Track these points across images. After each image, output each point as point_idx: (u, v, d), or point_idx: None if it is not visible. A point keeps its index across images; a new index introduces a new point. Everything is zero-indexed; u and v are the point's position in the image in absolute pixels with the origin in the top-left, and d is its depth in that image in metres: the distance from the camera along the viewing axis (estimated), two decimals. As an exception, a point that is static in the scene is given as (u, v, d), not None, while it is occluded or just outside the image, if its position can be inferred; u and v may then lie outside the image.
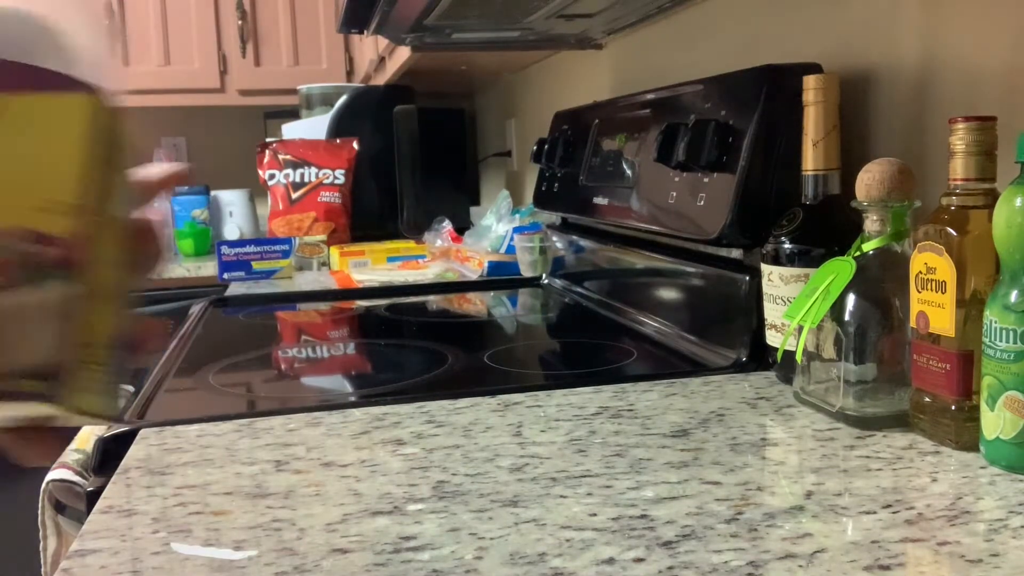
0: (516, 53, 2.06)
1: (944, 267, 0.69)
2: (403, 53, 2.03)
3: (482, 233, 1.97)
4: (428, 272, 1.97)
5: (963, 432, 0.70)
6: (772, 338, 0.93)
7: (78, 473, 0.84)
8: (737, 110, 1.02)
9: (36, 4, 0.43)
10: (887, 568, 0.52)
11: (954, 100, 0.86)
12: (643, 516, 0.60)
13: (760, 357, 0.97)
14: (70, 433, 0.61)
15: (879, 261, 0.79)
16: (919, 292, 0.72)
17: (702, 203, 1.04)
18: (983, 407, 0.67)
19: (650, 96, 1.28)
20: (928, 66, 0.89)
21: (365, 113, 2.58)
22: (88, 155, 0.42)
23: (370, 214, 2.52)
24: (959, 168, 0.69)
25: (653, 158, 1.13)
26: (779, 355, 0.89)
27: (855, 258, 0.79)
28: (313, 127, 2.65)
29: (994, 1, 0.81)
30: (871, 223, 0.79)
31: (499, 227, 1.93)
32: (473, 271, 1.86)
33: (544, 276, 1.72)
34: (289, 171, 2.45)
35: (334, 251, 2.14)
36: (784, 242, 0.90)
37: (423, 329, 1.47)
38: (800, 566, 0.52)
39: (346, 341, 1.41)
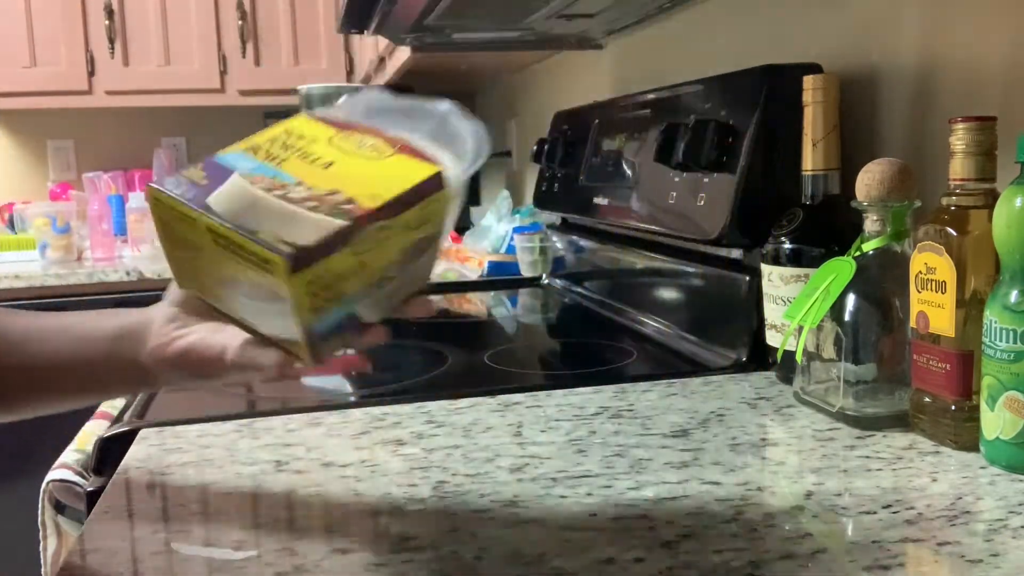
0: (516, 53, 2.06)
1: (944, 267, 0.69)
2: (403, 53, 2.02)
3: (482, 233, 1.98)
4: (428, 272, 1.97)
5: (963, 432, 0.70)
6: (772, 338, 0.93)
7: (78, 473, 0.84)
8: (737, 110, 1.02)
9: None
10: (887, 568, 0.52)
11: (954, 100, 0.86)
12: (643, 516, 0.60)
13: (760, 357, 0.97)
14: None
15: (879, 261, 0.79)
16: (919, 292, 0.72)
17: (702, 203, 1.04)
18: (983, 407, 0.67)
19: (650, 96, 1.28)
20: (928, 66, 0.89)
21: (365, 113, 2.57)
22: None
23: (370, 214, 2.51)
24: (959, 168, 0.69)
25: (653, 158, 1.13)
26: (779, 355, 0.89)
27: (855, 258, 0.79)
28: (313, 127, 2.64)
29: (994, 1, 0.81)
30: (871, 223, 0.79)
31: (499, 227, 1.93)
32: (473, 271, 1.86)
33: (544, 276, 1.72)
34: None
35: (334, 251, 2.14)
36: (784, 242, 0.90)
37: (423, 329, 1.47)
38: (800, 566, 0.52)
39: (346, 341, 1.41)
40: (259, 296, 0.54)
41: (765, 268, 0.92)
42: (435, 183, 0.55)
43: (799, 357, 0.83)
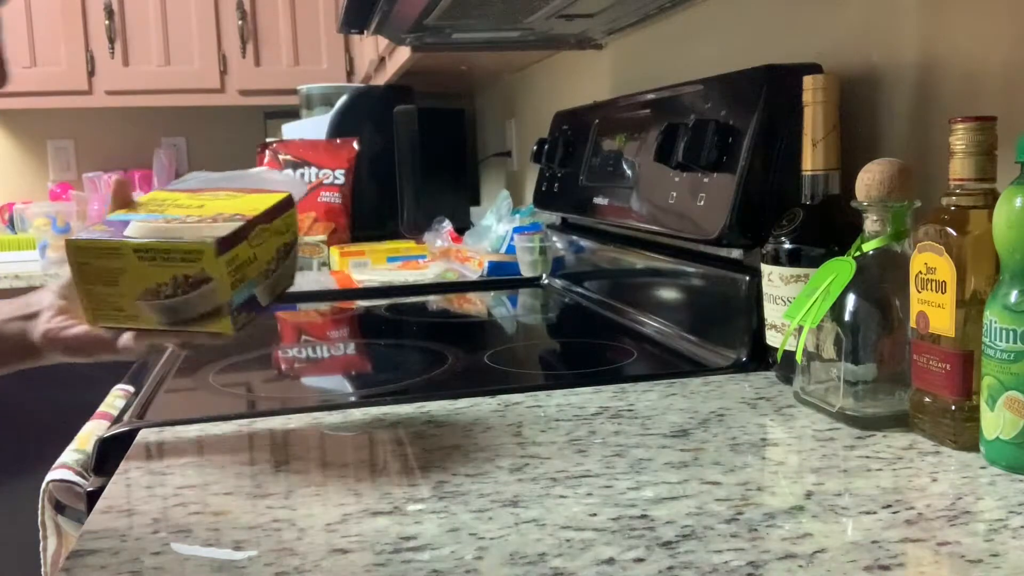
0: (516, 53, 2.06)
1: (944, 267, 0.69)
2: (403, 53, 2.02)
3: (482, 233, 1.97)
4: (428, 272, 1.97)
5: (963, 432, 0.70)
6: (772, 338, 0.93)
7: (78, 473, 0.84)
8: (737, 110, 1.02)
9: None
10: (887, 568, 0.52)
11: (954, 100, 0.86)
12: (643, 516, 0.60)
13: (760, 357, 0.97)
14: None
15: (879, 261, 0.79)
16: (919, 292, 0.72)
17: (702, 203, 1.04)
18: (983, 407, 0.67)
19: (650, 96, 1.28)
20: (928, 66, 0.89)
21: (365, 113, 2.57)
22: None
23: (370, 214, 2.52)
24: (959, 168, 0.69)
25: (653, 158, 1.13)
26: (779, 355, 0.89)
27: (855, 258, 0.79)
28: (313, 127, 2.64)
29: (994, 1, 0.81)
30: (871, 223, 0.79)
31: (499, 227, 1.93)
32: (473, 271, 1.86)
33: (544, 276, 1.72)
34: (289, 171, 2.45)
35: (334, 251, 2.14)
36: (784, 242, 0.90)
37: (423, 329, 1.47)
38: (800, 566, 0.52)
39: (346, 341, 1.41)
40: (181, 291, 0.71)
41: (765, 268, 0.92)
42: (289, 201, 0.78)
43: (799, 357, 0.83)
